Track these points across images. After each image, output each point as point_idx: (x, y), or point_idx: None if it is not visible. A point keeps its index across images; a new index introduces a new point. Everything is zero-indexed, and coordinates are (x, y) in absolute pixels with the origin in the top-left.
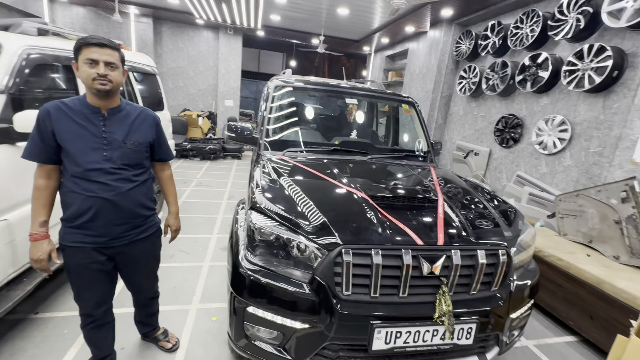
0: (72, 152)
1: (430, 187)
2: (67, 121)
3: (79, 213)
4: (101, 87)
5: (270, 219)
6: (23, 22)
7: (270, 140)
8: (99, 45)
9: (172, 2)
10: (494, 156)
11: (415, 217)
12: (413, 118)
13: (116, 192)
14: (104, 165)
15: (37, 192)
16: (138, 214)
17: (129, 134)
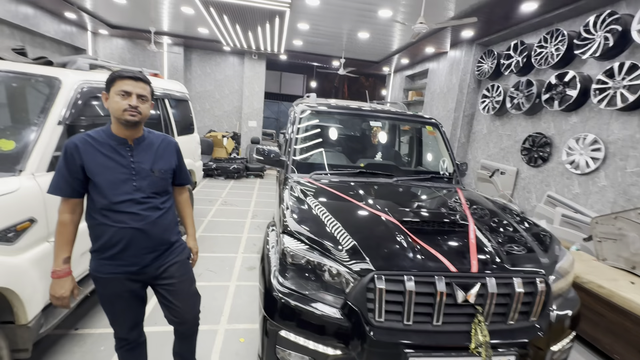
0: (102, 184)
1: (459, 210)
2: (95, 154)
3: (111, 244)
4: (131, 118)
5: (302, 243)
6: (78, 59)
7: (297, 163)
8: (133, 79)
9: (202, 32)
10: (521, 175)
11: (447, 242)
12: (437, 139)
13: (147, 221)
14: (134, 196)
15: (61, 227)
16: (167, 240)
17: (155, 162)
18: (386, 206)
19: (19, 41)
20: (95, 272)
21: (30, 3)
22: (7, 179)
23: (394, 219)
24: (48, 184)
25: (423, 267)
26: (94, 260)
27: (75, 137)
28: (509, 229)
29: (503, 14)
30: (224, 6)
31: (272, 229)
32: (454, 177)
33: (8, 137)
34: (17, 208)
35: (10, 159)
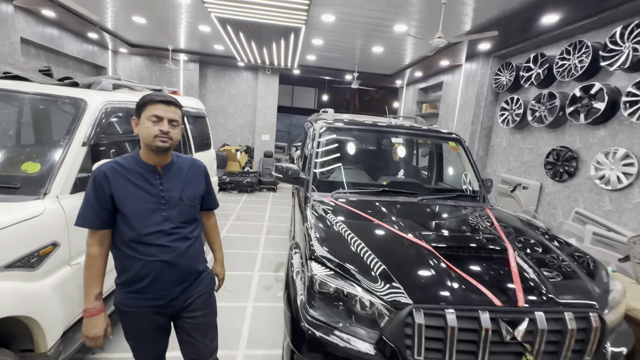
0: (131, 215)
1: (493, 232)
2: (124, 183)
3: (138, 278)
4: (161, 145)
5: (330, 270)
6: (102, 80)
7: (318, 181)
8: (165, 103)
9: (218, 48)
10: (545, 190)
11: (486, 270)
12: (461, 155)
13: (176, 253)
14: (163, 227)
15: (90, 261)
16: (196, 270)
17: (184, 189)
18: (416, 229)
19: (44, 61)
20: (121, 306)
21: (55, 25)
22: (31, 203)
23: (426, 243)
24: (72, 206)
25: (465, 300)
26: (120, 293)
27: (104, 166)
28: (550, 254)
29: (521, 26)
30: (241, 24)
31: (295, 252)
32: (479, 194)
33: (34, 159)
34: (41, 232)
35: (35, 182)
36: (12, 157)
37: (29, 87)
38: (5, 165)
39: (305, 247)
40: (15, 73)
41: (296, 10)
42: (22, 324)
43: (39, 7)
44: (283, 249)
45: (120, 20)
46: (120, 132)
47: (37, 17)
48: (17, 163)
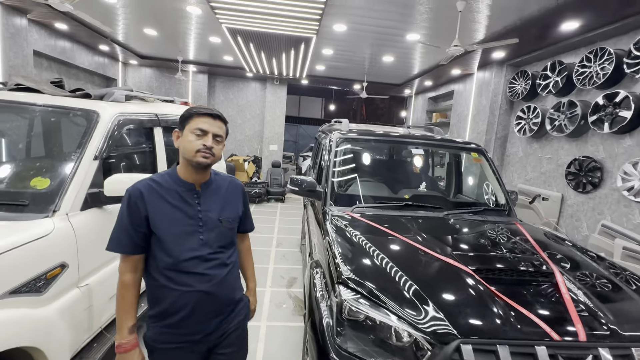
0: (166, 239)
1: (533, 252)
2: (161, 203)
3: (173, 311)
4: (203, 161)
5: (361, 296)
6: (115, 91)
7: (336, 194)
8: (211, 116)
9: (227, 59)
10: (567, 202)
11: (537, 298)
12: (484, 167)
13: (214, 282)
14: (201, 252)
15: (123, 290)
16: (233, 299)
17: (223, 210)
18: (449, 248)
19: (55, 73)
20: (152, 342)
21: (68, 37)
22: (40, 221)
23: (463, 265)
24: (82, 224)
25: (518, 333)
26: (152, 327)
27: (139, 183)
28: (597, 275)
29: (538, 34)
30: (252, 34)
31: (316, 271)
32: (506, 208)
33: (44, 174)
34: (49, 253)
35: (44, 199)
36: (21, 171)
37: (41, 99)
38: (14, 181)
39: (327, 267)
40: (27, 85)
41: (308, 20)
42: (26, 354)
43: (52, 21)
44: (294, 263)
45: (132, 32)
46: (132, 145)
47: (50, 30)
48: (26, 178)
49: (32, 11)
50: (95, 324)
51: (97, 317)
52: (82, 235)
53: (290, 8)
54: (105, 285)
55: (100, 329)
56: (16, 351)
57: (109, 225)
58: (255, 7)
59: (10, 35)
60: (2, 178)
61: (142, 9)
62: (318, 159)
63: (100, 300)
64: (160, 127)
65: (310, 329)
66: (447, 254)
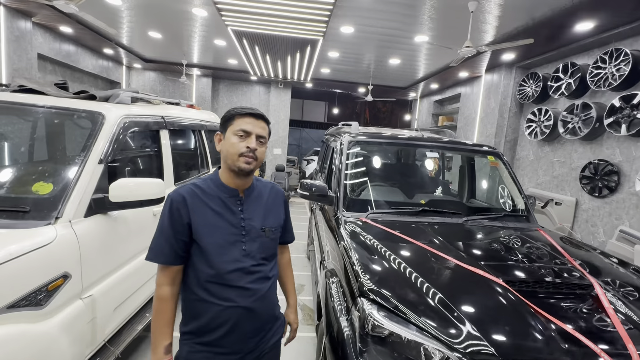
0: (209, 249)
1: (565, 262)
2: (204, 210)
3: (212, 327)
4: (245, 167)
5: (386, 311)
6: (121, 93)
7: (349, 200)
8: (254, 116)
9: (232, 63)
10: (582, 207)
11: (579, 314)
12: (501, 170)
13: (256, 297)
14: (244, 264)
15: (160, 304)
16: (273, 315)
17: (266, 218)
18: (476, 258)
19: (60, 76)
20: None
21: (72, 41)
22: (41, 229)
23: (494, 276)
24: (85, 231)
25: (565, 354)
26: (186, 343)
27: (182, 189)
28: (634, 285)
29: (551, 35)
30: (257, 37)
31: (332, 281)
32: (527, 213)
33: (46, 178)
34: (51, 263)
35: (47, 205)
36: (23, 176)
37: (44, 101)
38: (15, 186)
39: (344, 276)
40: (29, 86)
41: (315, 22)
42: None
43: (57, 24)
44: (301, 269)
45: (136, 35)
46: (138, 148)
47: (54, 34)
48: (27, 183)
49: (37, 14)
50: (99, 336)
51: (101, 330)
52: (86, 243)
53: (298, 10)
54: (109, 296)
55: (103, 342)
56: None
57: (114, 232)
58: (263, 8)
59: (14, 39)
60: (2, 183)
61: (147, 11)
62: (327, 162)
63: (104, 311)
64: (166, 129)
65: (329, 344)
66: (474, 263)
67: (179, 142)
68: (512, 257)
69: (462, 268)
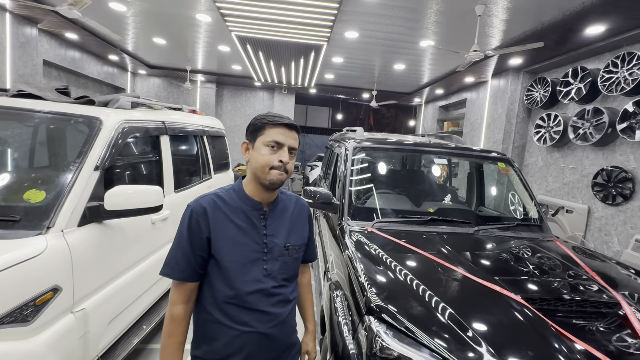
0: (229, 267)
1: (587, 277)
2: (226, 223)
3: (226, 353)
4: (277, 180)
5: (397, 331)
6: (121, 98)
7: (354, 208)
8: (287, 127)
9: (235, 69)
10: (595, 215)
11: (606, 335)
12: (511, 177)
13: (276, 322)
14: (264, 285)
15: (172, 324)
16: (291, 343)
17: (290, 235)
18: (491, 272)
19: (64, 82)
20: None
21: (77, 47)
22: (31, 239)
23: (512, 293)
24: (78, 241)
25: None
26: None
27: (203, 199)
28: None
29: (560, 39)
30: (261, 42)
31: (336, 294)
32: (540, 223)
33: (39, 185)
34: (40, 276)
35: (38, 213)
36: (15, 183)
37: (40, 106)
38: (6, 194)
39: (349, 289)
40: (29, 91)
41: (320, 27)
42: None
43: (62, 30)
44: None
45: (141, 41)
46: (137, 154)
47: (60, 40)
48: (19, 190)
49: (42, 21)
50: (92, 352)
51: (94, 345)
52: (79, 254)
53: (302, 15)
54: (103, 309)
55: (97, 357)
56: None
57: (109, 242)
58: (266, 14)
59: (20, 45)
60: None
61: (151, 17)
62: (331, 169)
63: (97, 325)
64: (167, 135)
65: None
66: (488, 278)
67: (180, 147)
68: (529, 271)
69: (476, 283)
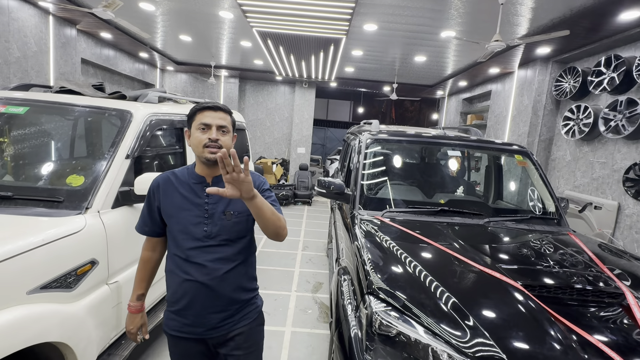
0: (174, 228)
1: (595, 268)
2: (173, 194)
3: (176, 298)
4: (211, 157)
5: (394, 309)
6: (149, 93)
7: (366, 198)
8: (212, 109)
9: (257, 63)
10: (625, 212)
11: (605, 323)
12: (529, 171)
13: (213, 276)
14: (203, 243)
15: (140, 263)
16: (237, 299)
17: (230, 203)
18: (494, 260)
19: (100, 79)
20: (165, 327)
21: (111, 46)
22: (73, 218)
23: (512, 280)
24: (112, 221)
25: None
26: (166, 311)
27: (160, 176)
28: None
29: (591, 26)
30: (281, 37)
31: (344, 278)
32: (557, 216)
33: (79, 171)
34: (80, 249)
35: (78, 196)
36: (59, 169)
37: (80, 100)
38: (52, 178)
39: (356, 274)
40: (69, 87)
41: (338, 21)
42: (55, 349)
43: (98, 30)
44: (320, 267)
45: (169, 39)
46: (163, 145)
47: (96, 40)
48: (62, 175)
49: (80, 22)
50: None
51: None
52: (113, 233)
53: (320, 9)
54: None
55: None
56: (45, 346)
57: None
58: (286, 9)
59: (61, 45)
60: (41, 175)
61: (178, 16)
62: (346, 161)
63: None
64: None
65: (337, 340)
66: (491, 266)
67: None
68: (534, 261)
69: (477, 270)
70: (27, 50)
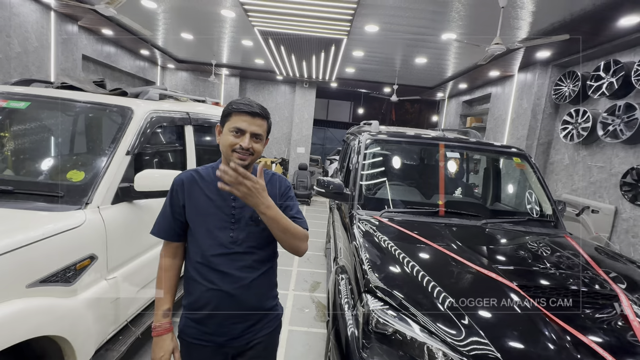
0: (197, 231)
1: (590, 270)
2: (199, 194)
3: (198, 306)
4: (239, 162)
5: (391, 308)
6: (150, 90)
7: (365, 198)
8: (250, 114)
9: (258, 62)
10: (622, 216)
11: (598, 324)
12: (527, 173)
13: (239, 284)
14: (229, 250)
15: (162, 272)
16: (262, 308)
17: None
18: (490, 261)
19: (101, 75)
20: (182, 333)
21: (113, 43)
22: (73, 212)
23: (507, 280)
24: (112, 217)
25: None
26: (183, 317)
27: (184, 173)
28: None
29: (591, 30)
30: (283, 37)
31: (342, 277)
32: (554, 220)
33: (79, 167)
34: (80, 244)
35: (78, 191)
36: (59, 164)
37: (81, 96)
38: (53, 173)
39: (354, 273)
40: (71, 83)
41: (339, 22)
42: (52, 342)
43: (99, 27)
44: (318, 266)
45: (170, 37)
46: (163, 142)
47: (97, 36)
48: (63, 170)
49: (82, 18)
50: (122, 316)
51: (124, 310)
52: (112, 229)
53: (322, 9)
54: (132, 279)
55: (126, 322)
56: (43, 340)
57: (138, 219)
58: (287, 8)
59: (62, 41)
60: (41, 170)
61: (179, 14)
62: (346, 161)
63: (127, 293)
64: (191, 125)
65: (333, 338)
66: (487, 266)
67: (203, 137)
68: (530, 262)
69: (474, 270)
70: (28, 45)
